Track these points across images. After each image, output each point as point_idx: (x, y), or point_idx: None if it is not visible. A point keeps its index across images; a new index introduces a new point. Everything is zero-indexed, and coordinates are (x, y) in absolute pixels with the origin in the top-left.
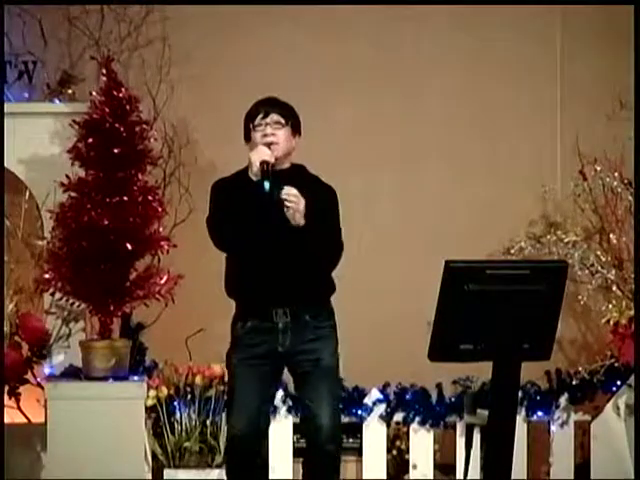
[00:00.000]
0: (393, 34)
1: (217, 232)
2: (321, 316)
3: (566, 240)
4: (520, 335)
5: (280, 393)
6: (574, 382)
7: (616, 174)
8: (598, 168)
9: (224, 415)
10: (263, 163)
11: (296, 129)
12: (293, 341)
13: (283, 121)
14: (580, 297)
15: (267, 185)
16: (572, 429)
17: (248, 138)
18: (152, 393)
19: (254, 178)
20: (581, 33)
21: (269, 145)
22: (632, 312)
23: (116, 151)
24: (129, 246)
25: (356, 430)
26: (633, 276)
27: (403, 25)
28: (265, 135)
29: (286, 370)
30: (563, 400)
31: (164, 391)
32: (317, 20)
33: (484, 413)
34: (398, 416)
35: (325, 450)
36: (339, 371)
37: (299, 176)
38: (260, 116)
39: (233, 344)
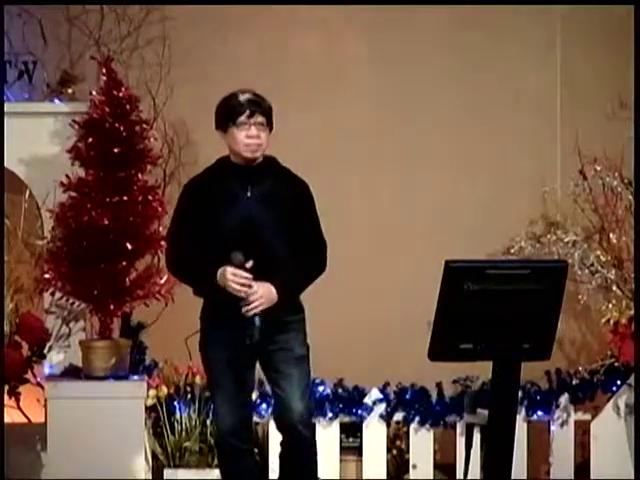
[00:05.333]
0: (393, 33)
1: (176, 267)
2: (290, 311)
3: (566, 240)
4: (520, 335)
5: None
6: (574, 382)
7: (616, 174)
8: (598, 168)
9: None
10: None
11: (272, 127)
12: (262, 335)
13: (265, 122)
14: (580, 297)
15: (258, 321)
16: (572, 429)
17: (224, 129)
18: (152, 393)
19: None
20: (581, 33)
21: (256, 146)
22: (632, 312)
23: (116, 151)
24: (129, 246)
25: (356, 430)
26: (633, 276)
27: (403, 24)
28: (250, 137)
29: None
30: (563, 400)
31: (164, 391)
32: (316, 20)
33: (484, 413)
34: (398, 416)
35: (301, 434)
36: (309, 361)
37: (270, 169)
38: (246, 114)
39: (205, 337)
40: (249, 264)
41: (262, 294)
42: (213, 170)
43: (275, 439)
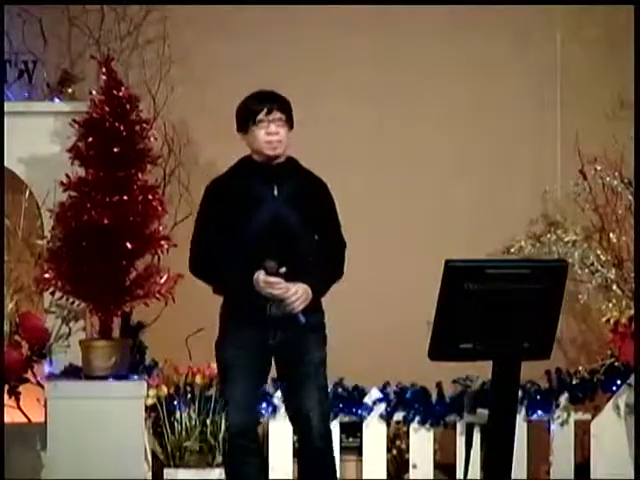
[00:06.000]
0: (393, 33)
1: (204, 269)
2: (310, 311)
3: (566, 239)
4: (520, 334)
5: (280, 393)
6: (574, 381)
7: (616, 173)
8: (598, 167)
9: (224, 414)
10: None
11: (292, 124)
12: (284, 335)
13: (284, 118)
14: (580, 296)
15: (302, 318)
16: (572, 428)
17: (245, 130)
18: (152, 392)
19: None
20: (581, 33)
21: (277, 142)
22: (632, 311)
23: (116, 150)
24: (129, 245)
25: (356, 429)
26: (633, 275)
27: (403, 24)
28: (270, 133)
29: None
30: (563, 399)
31: (164, 390)
32: (317, 20)
33: (484, 412)
34: (398, 415)
35: (316, 447)
36: (326, 364)
37: (294, 169)
38: (264, 112)
39: (224, 335)
40: (282, 270)
41: (302, 293)
42: (235, 170)
43: (275, 439)
